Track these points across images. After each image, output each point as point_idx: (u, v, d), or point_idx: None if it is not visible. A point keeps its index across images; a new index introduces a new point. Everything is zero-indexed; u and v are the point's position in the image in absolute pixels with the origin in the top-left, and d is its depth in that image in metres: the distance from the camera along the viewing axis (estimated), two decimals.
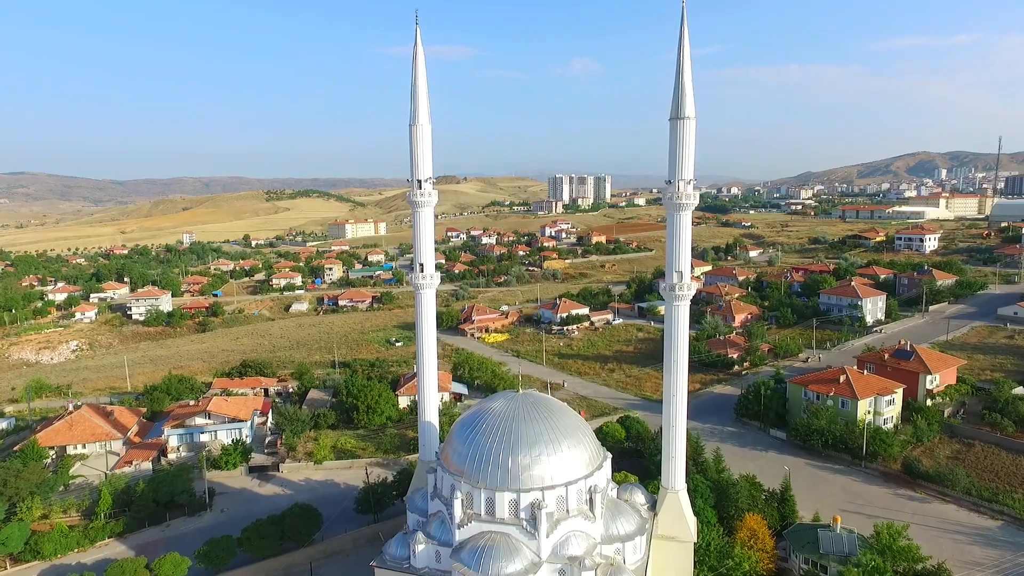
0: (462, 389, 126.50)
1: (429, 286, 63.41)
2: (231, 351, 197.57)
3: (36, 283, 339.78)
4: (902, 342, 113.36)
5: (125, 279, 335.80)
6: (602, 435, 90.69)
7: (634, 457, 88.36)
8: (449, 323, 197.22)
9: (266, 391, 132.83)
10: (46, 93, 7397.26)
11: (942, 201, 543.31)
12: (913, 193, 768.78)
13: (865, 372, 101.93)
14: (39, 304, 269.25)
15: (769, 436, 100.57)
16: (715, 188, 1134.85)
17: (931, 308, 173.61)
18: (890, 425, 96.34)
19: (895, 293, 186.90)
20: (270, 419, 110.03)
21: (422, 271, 63.10)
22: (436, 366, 66.47)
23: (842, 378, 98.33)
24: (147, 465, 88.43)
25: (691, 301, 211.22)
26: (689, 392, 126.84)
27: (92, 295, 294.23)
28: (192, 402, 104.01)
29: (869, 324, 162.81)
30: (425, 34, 60.49)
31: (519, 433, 49.42)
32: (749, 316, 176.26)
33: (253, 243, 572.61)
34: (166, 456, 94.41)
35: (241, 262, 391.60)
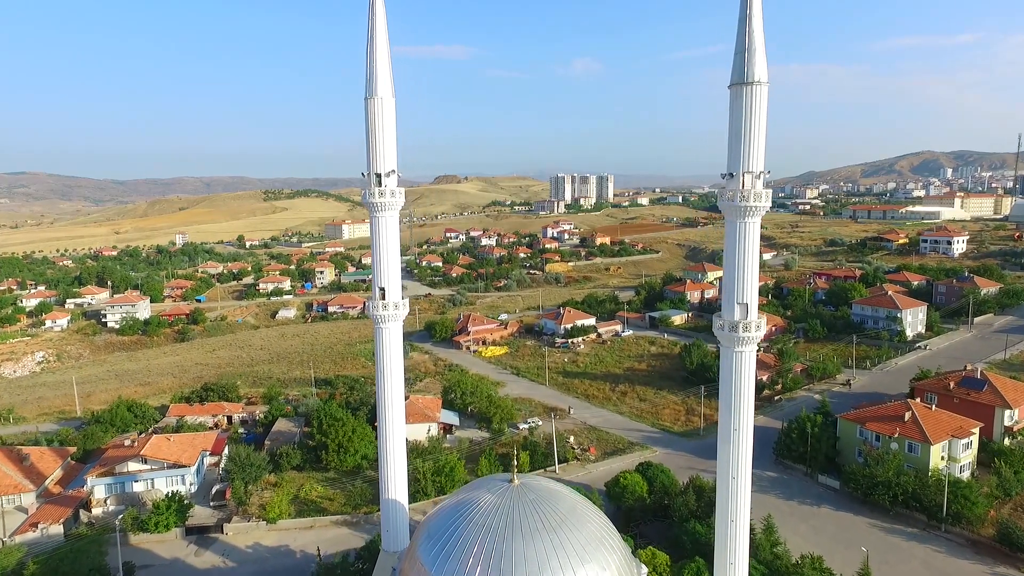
0: (453, 418, 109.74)
1: (393, 319, 46.72)
2: (205, 365, 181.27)
3: (15, 287, 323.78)
4: (969, 367, 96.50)
5: (108, 283, 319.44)
6: (619, 490, 74.13)
7: (660, 518, 71.86)
8: (443, 334, 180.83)
9: (229, 419, 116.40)
10: (47, 93, 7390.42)
11: (957, 201, 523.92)
12: (921, 193, 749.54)
13: (934, 407, 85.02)
14: (9, 311, 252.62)
15: (818, 485, 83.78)
16: (718, 187, 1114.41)
17: (975, 320, 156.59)
18: (967, 474, 79.56)
19: (932, 302, 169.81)
20: (225, 457, 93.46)
21: (383, 299, 46.40)
22: (404, 426, 49.95)
23: (907, 415, 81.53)
24: (58, 529, 71.73)
25: (706, 310, 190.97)
26: (717, 422, 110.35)
27: (68, 301, 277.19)
28: (128, 441, 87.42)
29: (909, 339, 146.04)
30: (426, 34, 43.91)
31: (515, 552, 32.71)
32: (773, 328, 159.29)
33: (247, 244, 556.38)
34: (90, 511, 77.80)
35: (229, 265, 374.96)
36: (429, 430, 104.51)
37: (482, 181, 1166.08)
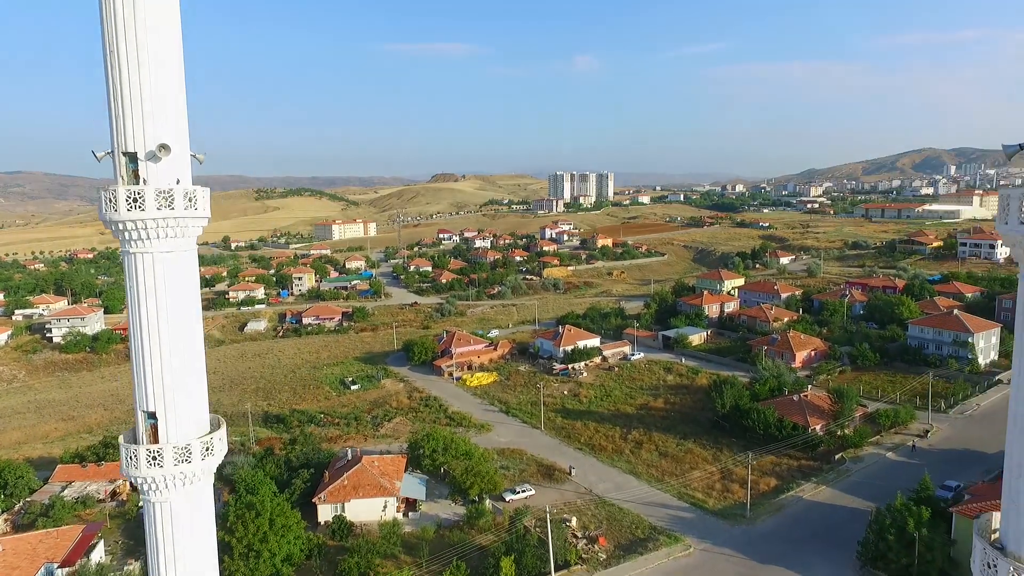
0: (417, 490, 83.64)
1: (180, 483, 21.05)
2: None
3: None
4: None
5: (69, 290, 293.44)
6: None
7: None
8: (422, 356, 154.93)
9: (133, 486, 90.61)
10: (44, 91, 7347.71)
11: (975, 199, 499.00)
12: (929, 190, 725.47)
13: None
14: None
15: None
16: (719, 185, 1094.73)
17: None
18: None
19: (996, 320, 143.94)
20: (98, 558, 67.91)
21: (155, 441, 20.73)
22: None
23: None
24: None
25: (727, 327, 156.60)
26: (765, 493, 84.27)
27: (17, 311, 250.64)
28: None
29: (982, 369, 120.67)
30: (425, 31, 17.65)
31: None
32: (813, 353, 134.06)
33: (233, 245, 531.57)
34: None
35: (203, 269, 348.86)
36: (385, 507, 79.02)
37: (480, 179, 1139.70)
